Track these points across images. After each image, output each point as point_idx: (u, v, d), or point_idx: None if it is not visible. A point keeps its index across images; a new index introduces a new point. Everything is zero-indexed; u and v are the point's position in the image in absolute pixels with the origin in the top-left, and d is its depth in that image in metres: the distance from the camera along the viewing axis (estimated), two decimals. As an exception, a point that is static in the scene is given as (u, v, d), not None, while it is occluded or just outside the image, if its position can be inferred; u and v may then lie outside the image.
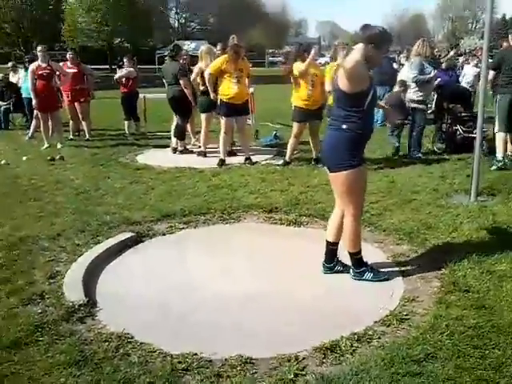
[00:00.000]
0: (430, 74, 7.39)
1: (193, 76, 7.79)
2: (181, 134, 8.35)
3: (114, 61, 24.70)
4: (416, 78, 7.28)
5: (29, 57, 11.49)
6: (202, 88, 7.72)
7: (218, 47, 8.01)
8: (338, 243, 3.73)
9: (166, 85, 8.36)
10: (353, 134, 3.38)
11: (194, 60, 8.77)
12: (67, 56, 10.30)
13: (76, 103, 9.97)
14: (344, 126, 3.38)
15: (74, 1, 40.00)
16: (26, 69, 10.76)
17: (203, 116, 7.98)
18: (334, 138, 3.46)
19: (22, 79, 10.94)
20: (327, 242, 3.74)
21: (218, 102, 7.33)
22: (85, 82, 10.23)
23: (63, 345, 2.82)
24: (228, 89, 7.11)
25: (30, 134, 10.08)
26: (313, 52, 6.68)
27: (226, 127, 7.35)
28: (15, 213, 5.16)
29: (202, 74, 7.64)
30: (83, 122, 10.11)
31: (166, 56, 8.55)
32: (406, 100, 7.59)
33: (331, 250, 3.74)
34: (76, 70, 9.88)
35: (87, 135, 10.03)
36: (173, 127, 8.51)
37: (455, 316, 3.00)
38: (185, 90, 7.89)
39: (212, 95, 7.29)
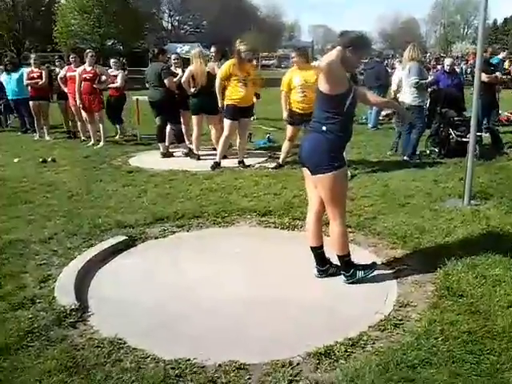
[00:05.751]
0: (428, 78, 7.44)
1: (183, 79, 7.70)
2: (179, 137, 8.29)
3: (106, 62, 24.62)
4: (418, 83, 7.30)
5: (9, 60, 11.47)
6: (192, 90, 7.69)
7: (212, 49, 8.00)
8: (322, 246, 3.73)
9: (149, 87, 8.23)
10: (333, 135, 3.37)
11: (186, 63, 8.71)
12: (88, 57, 9.24)
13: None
14: (324, 128, 3.38)
15: (67, 3, 39.82)
16: (8, 71, 10.73)
17: (194, 118, 7.96)
18: (315, 140, 3.46)
19: (7, 81, 10.84)
20: (312, 247, 3.73)
21: (224, 105, 7.27)
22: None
23: (54, 350, 2.78)
24: (235, 92, 7.11)
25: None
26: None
27: (230, 130, 7.32)
28: (5, 216, 5.11)
29: (192, 76, 7.62)
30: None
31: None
32: (401, 103, 7.62)
33: (319, 253, 3.74)
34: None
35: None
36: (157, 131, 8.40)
37: (449, 321, 2.99)
38: (170, 90, 7.85)
39: (220, 102, 7.22)
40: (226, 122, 7.31)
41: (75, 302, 3.31)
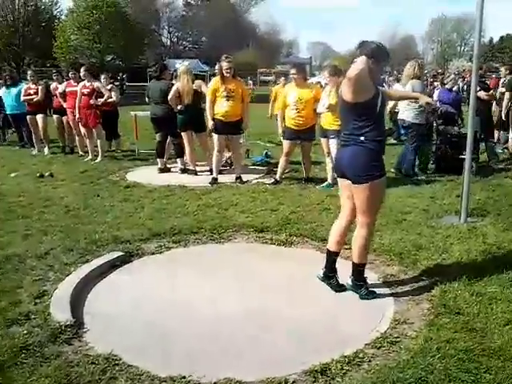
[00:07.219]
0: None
1: (170, 96, 7.70)
2: (179, 152, 8.30)
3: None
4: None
5: (8, 74, 11.53)
6: (179, 107, 7.74)
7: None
8: (338, 253, 3.76)
9: (151, 104, 8.29)
10: (372, 143, 3.41)
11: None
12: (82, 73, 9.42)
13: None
14: (362, 138, 3.41)
15: (67, 18, 40.20)
16: (7, 86, 10.78)
17: (183, 135, 7.99)
18: (354, 152, 3.48)
19: (5, 96, 10.90)
20: (329, 251, 3.75)
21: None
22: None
23: (48, 367, 2.75)
24: (218, 107, 7.18)
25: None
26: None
27: (219, 144, 7.37)
28: (1, 230, 5.09)
29: (179, 93, 7.68)
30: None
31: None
32: (400, 120, 7.73)
33: (333, 259, 3.76)
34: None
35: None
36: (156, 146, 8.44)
37: (446, 339, 2.98)
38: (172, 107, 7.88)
39: (210, 123, 7.30)
40: (214, 137, 7.41)
41: (70, 318, 3.29)
